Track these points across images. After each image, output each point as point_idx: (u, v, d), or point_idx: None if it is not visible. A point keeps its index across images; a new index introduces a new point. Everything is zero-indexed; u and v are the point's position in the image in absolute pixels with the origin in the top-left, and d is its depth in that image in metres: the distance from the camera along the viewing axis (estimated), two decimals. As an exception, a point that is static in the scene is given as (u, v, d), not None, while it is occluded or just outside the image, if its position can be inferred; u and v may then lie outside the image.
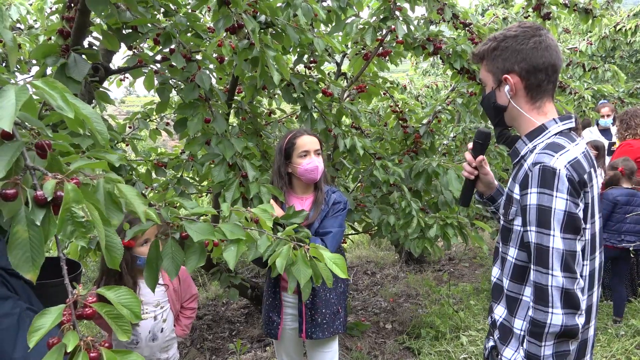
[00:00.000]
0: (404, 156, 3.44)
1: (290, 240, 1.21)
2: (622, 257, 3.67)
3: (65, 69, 1.71)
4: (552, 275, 1.23)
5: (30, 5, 3.45)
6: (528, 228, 1.29)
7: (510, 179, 1.43)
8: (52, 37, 2.11)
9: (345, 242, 3.73)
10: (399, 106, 3.59)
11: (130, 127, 3.56)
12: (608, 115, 5.26)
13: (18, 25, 3.48)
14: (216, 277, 3.34)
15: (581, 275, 1.28)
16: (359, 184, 3.55)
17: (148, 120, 3.65)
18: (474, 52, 1.46)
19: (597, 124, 5.44)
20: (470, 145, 1.61)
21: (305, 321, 2.30)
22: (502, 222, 1.47)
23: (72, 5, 1.85)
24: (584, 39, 6.55)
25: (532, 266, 1.28)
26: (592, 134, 5.42)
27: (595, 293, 1.39)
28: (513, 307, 1.41)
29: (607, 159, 4.96)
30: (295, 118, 3.97)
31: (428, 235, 2.79)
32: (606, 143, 5.18)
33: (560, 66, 1.38)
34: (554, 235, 1.23)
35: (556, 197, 1.23)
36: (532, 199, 1.27)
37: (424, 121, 3.60)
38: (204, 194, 3.69)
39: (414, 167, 3.07)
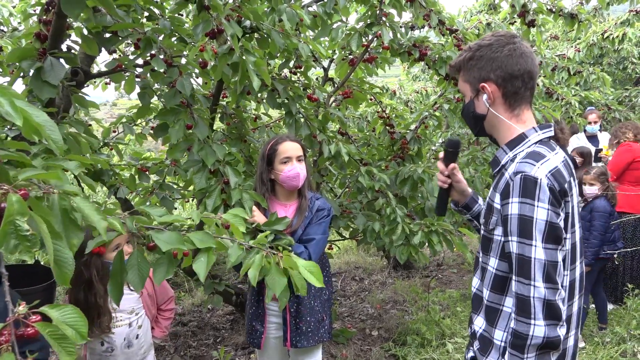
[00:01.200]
0: (391, 162, 3.43)
1: (263, 248, 1.19)
2: (604, 265, 3.69)
3: (41, 73, 1.68)
4: (534, 286, 1.22)
5: (14, 7, 3.41)
6: (509, 238, 1.28)
7: (491, 188, 1.42)
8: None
9: (332, 249, 3.71)
10: (386, 112, 3.58)
11: (114, 132, 3.53)
12: (595, 122, 5.30)
13: (1, 27, 3.43)
14: (200, 284, 3.31)
15: (562, 286, 1.27)
16: (346, 189, 3.54)
17: (133, 124, 3.61)
18: (450, 64, 1.47)
19: (585, 131, 5.48)
20: (441, 154, 1.61)
21: (290, 329, 2.28)
22: (482, 231, 1.46)
23: (50, 8, 1.82)
24: (571, 46, 6.59)
25: (513, 277, 1.27)
26: (579, 140, 5.44)
27: (575, 303, 1.38)
28: (493, 318, 1.39)
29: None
30: (283, 123, 3.95)
31: (412, 242, 2.77)
32: (593, 149, 5.21)
33: (537, 72, 1.38)
34: (535, 246, 1.22)
35: (537, 206, 1.22)
36: (514, 208, 1.26)
37: (412, 127, 3.60)
38: (190, 199, 3.66)
39: (400, 173, 3.06)
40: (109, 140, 3.41)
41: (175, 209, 3.83)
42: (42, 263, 2.94)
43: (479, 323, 1.44)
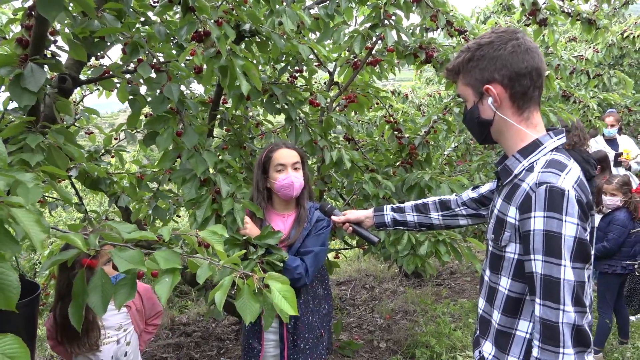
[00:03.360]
0: (399, 168, 3.31)
1: (236, 269, 1.08)
2: (625, 279, 3.49)
3: (20, 80, 1.61)
4: (563, 310, 1.09)
5: (16, 15, 3.38)
6: (532, 257, 1.14)
7: (500, 200, 1.28)
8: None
9: (338, 258, 3.60)
10: (393, 116, 3.47)
11: (116, 139, 3.47)
12: (612, 125, 5.09)
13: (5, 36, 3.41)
14: (202, 294, 3.22)
15: (589, 308, 1.15)
16: (353, 197, 3.43)
17: (135, 131, 3.56)
18: (447, 68, 1.34)
19: (603, 134, 5.28)
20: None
21: (287, 347, 2.16)
22: (490, 248, 1.33)
23: (32, 13, 1.76)
24: (590, 47, 6.39)
25: (537, 300, 1.14)
26: (597, 144, 5.25)
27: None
28: (505, 344, 1.26)
29: (616, 170, 4.79)
30: (289, 129, 3.86)
31: (419, 252, 2.65)
32: (612, 153, 5.01)
33: (545, 70, 1.25)
34: (565, 266, 1.10)
35: (566, 221, 1.10)
36: (537, 224, 1.12)
37: (421, 132, 3.47)
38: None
39: (407, 180, 2.94)
40: (111, 147, 3.36)
41: (179, 216, 3.76)
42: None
43: (488, 349, 1.32)
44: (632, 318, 3.80)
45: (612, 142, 5.20)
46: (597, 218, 3.59)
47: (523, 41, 1.22)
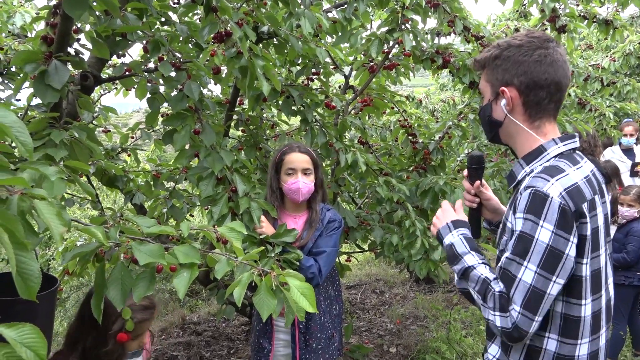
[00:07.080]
0: (412, 173, 3.31)
1: (254, 265, 1.09)
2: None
3: (44, 77, 1.64)
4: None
5: (37, 14, 3.44)
6: (504, 252, 1.19)
7: (508, 206, 1.30)
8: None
9: (350, 261, 3.59)
10: (408, 121, 3.47)
11: (132, 137, 3.51)
12: (632, 135, 5.03)
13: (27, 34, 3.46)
14: (214, 293, 3.23)
15: (581, 317, 1.16)
16: (366, 200, 3.43)
17: (151, 130, 3.59)
18: (475, 59, 1.34)
19: (620, 143, 5.22)
20: (465, 172, 1.48)
21: (299, 347, 2.17)
22: (497, 252, 1.34)
23: (57, 11, 1.79)
24: (607, 56, 6.34)
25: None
26: (614, 153, 5.19)
27: (602, 336, 1.23)
28: (507, 346, 1.27)
29: (632, 180, 4.73)
30: (304, 131, 3.86)
31: (432, 257, 2.65)
32: (629, 163, 4.96)
33: (567, 85, 1.24)
34: (526, 267, 1.11)
35: (542, 226, 1.10)
36: (518, 224, 1.15)
37: (436, 137, 3.47)
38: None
39: (421, 184, 2.94)
40: (127, 146, 3.40)
41: (192, 215, 3.78)
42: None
43: (493, 351, 1.32)
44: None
45: (629, 151, 5.15)
46: (613, 229, 3.55)
47: (552, 52, 1.21)
